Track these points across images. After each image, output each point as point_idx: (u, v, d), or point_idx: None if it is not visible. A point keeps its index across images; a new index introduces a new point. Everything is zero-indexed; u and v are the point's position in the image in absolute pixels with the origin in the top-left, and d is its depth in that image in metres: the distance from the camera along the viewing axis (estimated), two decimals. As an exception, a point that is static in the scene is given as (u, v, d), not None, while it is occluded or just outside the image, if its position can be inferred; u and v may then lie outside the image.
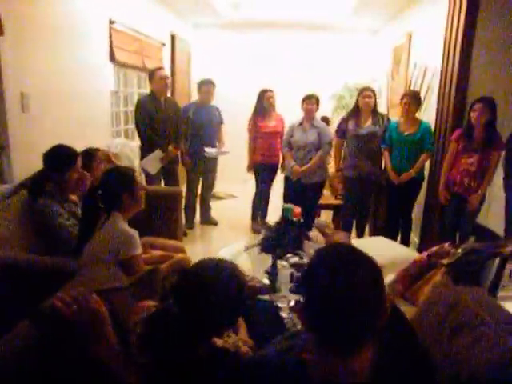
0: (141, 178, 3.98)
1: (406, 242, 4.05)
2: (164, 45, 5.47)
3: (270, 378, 1.02)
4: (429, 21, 4.46)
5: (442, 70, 3.83)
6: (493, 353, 1.16)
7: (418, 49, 4.76)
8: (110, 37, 3.98)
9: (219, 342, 1.35)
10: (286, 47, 6.95)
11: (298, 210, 2.94)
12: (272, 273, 2.42)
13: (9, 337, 1.20)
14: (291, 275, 2.41)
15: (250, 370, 1.07)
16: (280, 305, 2.16)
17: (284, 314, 2.06)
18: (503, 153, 3.39)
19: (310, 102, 4.23)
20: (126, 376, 1.18)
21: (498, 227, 3.36)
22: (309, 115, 4.27)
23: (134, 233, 1.99)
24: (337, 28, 6.72)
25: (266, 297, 2.20)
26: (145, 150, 4.11)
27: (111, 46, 4.01)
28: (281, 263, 2.52)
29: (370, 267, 0.97)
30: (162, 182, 4.39)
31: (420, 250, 3.85)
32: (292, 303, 2.23)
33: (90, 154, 2.76)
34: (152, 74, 4.13)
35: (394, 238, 3.91)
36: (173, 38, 5.80)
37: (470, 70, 3.59)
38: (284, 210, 2.88)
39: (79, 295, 1.22)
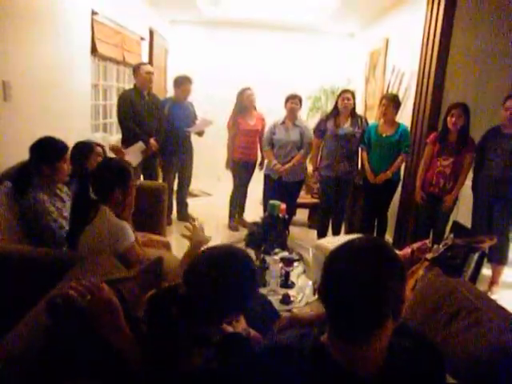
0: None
1: (381, 240, 4.17)
2: (143, 39, 5.42)
3: (289, 362, 1.04)
4: (406, 26, 4.62)
5: (418, 75, 3.98)
6: (488, 336, 1.25)
7: (395, 53, 4.91)
8: (92, 28, 3.92)
9: (229, 327, 1.37)
10: (264, 47, 6.99)
11: (283, 206, 3.01)
12: (260, 267, 2.46)
13: (21, 326, 1.20)
14: (280, 270, 2.46)
15: (268, 354, 1.09)
16: (270, 298, 2.21)
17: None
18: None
19: (294, 101, 4.31)
20: (139, 364, 1.20)
21: (466, 224, 3.54)
22: (292, 114, 4.35)
23: (124, 223, 1.97)
24: (314, 30, 6.83)
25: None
26: (127, 143, 4.09)
27: (93, 38, 3.95)
28: (270, 258, 2.57)
29: (389, 257, 1.00)
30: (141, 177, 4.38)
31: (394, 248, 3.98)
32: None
33: (91, 147, 2.75)
34: (137, 69, 4.11)
35: (369, 237, 4.02)
36: (151, 33, 5.76)
37: (446, 75, 3.75)
38: (271, 206, 2.94)
39: (92, 285, 1.22)
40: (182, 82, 4.63)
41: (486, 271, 3.61)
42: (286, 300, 2.24)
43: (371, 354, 0.99)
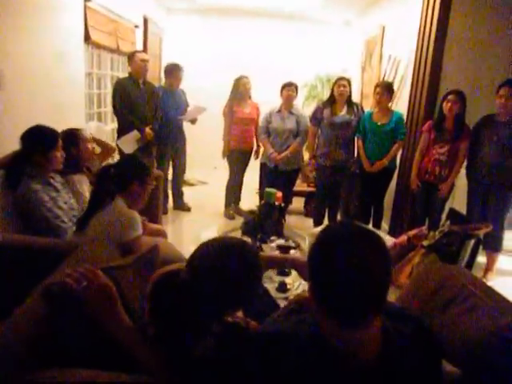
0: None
1: (377, 228, 4.19)
2: (137, 27, 5.36)
3: (286, 348, 1.03)
4: (402, 14, 4.59)
5: (415, 63, 3.96)
6: (483, 321, 1.26)
7: (391, 41, 4.89)
8: (85, 16, 3.87)
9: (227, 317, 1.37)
10: (260, 36, 6.95)
11: (279, 194, 3.00)
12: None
13: (16, 314, 1.19)
14: (277, 257, 2.45)
15: (265, 342, 1.09)
16: (266, 286, 2.21)
17: (272, 295, 2.11)
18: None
19: (290, 88, 4.29)
20: (137, 350, 1.19)
21: (462, 212, 3.56)
22: (288, 102, 4.33)
23: (135, 214, 2.00)
24: (310, 18, 6.78)
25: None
26: (122, 132, 4.08)
27: (86, 26, 3.90)
28: (267, 245, 2.57)
29: (377, 242, 0.98)
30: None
31: (390, 235, 4.00)
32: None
33: (76, 134, 2.72)
34: (132, 56, 4.08)
35: (365, 225, 4.04)
36: (145, 20, 5.69)
37: (442, 63, 3.74)
38: (267, 194, 2.93)
39: (88, 272, 1.22)
40: (173, 71, 4.60)
41: (481, 258, 3.63)
42: (282, 287, 2.24)
43: (368, 338, 0.98)
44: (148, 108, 4.19)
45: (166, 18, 6.84)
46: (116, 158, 4.15)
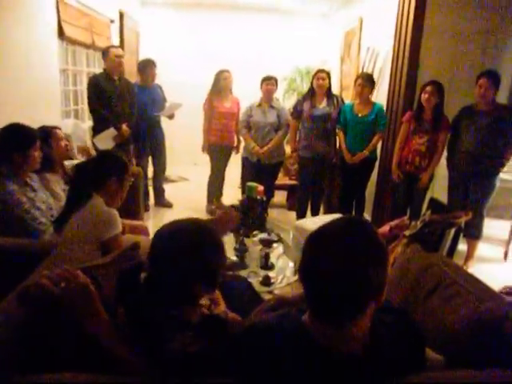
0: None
1: (359, 219, 4.21)
2: (113, 22, 5.26)
3: (272, 341, 1.03)
4: (380, 6, 4.60)
5: (393, 54, 3.98)
6: (465, 307, 1.27)
7: (370, 33, 4.90)
8: (58, 10, 3.77)
9: (206, 310, 1.36)
10: (238, 30, 6.90)
11: (260, 188, 2.99)
12: (240, 249, 2.45)
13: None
14: (260, 251, 2.45)
15: (251, 335, 1.08)
16: (250, 280, 2.20)
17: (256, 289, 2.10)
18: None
19: (270, 82, 4.27)
20: (118, 350, 1.17)
21: (443, 201, 3.60)
22: (268, 96, 4.31)
23: (114, 212, 1.96)
24: (288, 11, 6.76)
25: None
26: (98, 129, 4.00)
27: (59, 21, 3.80)
28: (250, 240, 2.56)
29: (371, 241, 0.98)
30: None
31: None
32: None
33: (48, 132, 2.65)
34: (106, 52, 4.00)
35: (347, 216, 4.05)
36: (121, 15, 5.59)
37: (420, 54, 3.76)
38: (248, 189, 2.91)
39: (66, 272, 1.19)
40: (146, 66, 4.54)
41: (462, 246, 3.68)
42: (266, 281, 2.24)
43: (353, 335, 0.99)
44: (124, 105, 4.12)
45: (142, 12, 6.74)
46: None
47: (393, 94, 4.02)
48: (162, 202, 5.05)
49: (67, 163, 2.85)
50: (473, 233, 3.61)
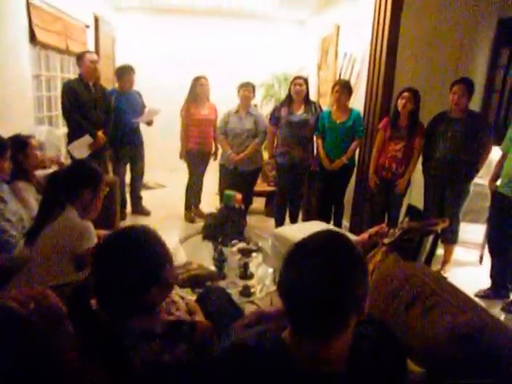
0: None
1: (338, 226, 4.22)
2: (88, 27, 5.18)
3: (250, 362, 1.00)
4: (356, 13, 4.64)
5: (369, 61, 4.01)
6: (445, 319, 1.26)
7: (346, 39, 4.93)
8: (29, 14, 3.67)
9: (169, 316, 1.33)
10: (215, 35, 6.87)
11: (238, 196, 2.96)
12: (218, 259, 2.41)
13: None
14: (239, 261, 2.42)
15: (228, 357, 1.05)
16: (229, 290, 2.16)
17: (235, 300, 2.07)
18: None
19: (247, 89, 4.26)
20: (86, 369, 1.12)
21: (419, 207, 3.64)
22: (245, 102, 4.29)
23: (89, 224, 1.89)
24: (265, 18, 6.77)
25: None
26: (72, 137, 3.91)
27: (30, 25, 3.71)
28: (229, 250, 2.52)
29: (351, 256, 0.97)
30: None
31: (351, 233, 4.04)
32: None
33: (23, 142, 2.57)
34: (81, 57, 3.92)
35: (326, 223, 4.05)
36: (96, 19, 5.51)
37: (396, 61, 3.80)
38: (226, 197, 2.88)
39: (36, 293, 1.13)
40: (124, 72, 4.48)
41: (439, 251, 3.71)
42: (246, 292, 2.21)
43: (334, 351, 0.97)
44: (100, 111, 4.05)
45: (118, 17, 6.65)
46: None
47: (370, 100, 4.05)
48: (139, 210, 4.97)
49: (39, 173, 2.77)
50: (449, 237, 3.66)
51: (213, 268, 2.39)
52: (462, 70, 3.88)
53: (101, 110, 4.09)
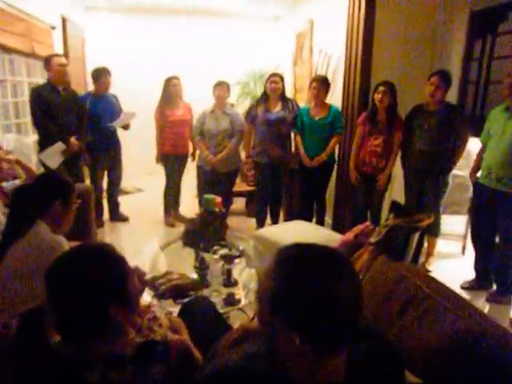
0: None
1: (321, 223, 4.18)
2: (54, 28, 4.98)
3: None
4: (330, 8, 4.59)
5: (346, 56, 3.97)
6: (441, 324, 1.21)
7: (322, 35, 4.88)
8: (-14, 15, 3.50)
9: (136, 340, 1.23)
10: (189, 34, 6.75)
11: (218, 200, 2.88)
12: (200, 267, 2.32)
13: None
14: (222, 268, 2.33)
15: (217, 381, 0.97)
16: (214, 299, 2.08)
17: (219, 309, 1.99)
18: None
19: (222, 88, 4.17)
20: None
21: (400, 201, 3.62)
22: (220, 102, 4.21)
23: (61, 239, 1.77)
24: (240, 15, 6.67)
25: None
26: (44, 144, 3.76)
27: (-11, 27, 3.53)
28: (211, 256, 2.43)
29: (351, 266, 0.95)
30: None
31: (334, 230, 4.01)
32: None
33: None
34: (48, 61, 3.77)
35: (309, 221, 4.01)
36: (64, 20, 5.32)
37: (372, 56, 3.77)
38: (206, 201, 2.80)
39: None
40: (100, 75, 4.33)
41: (422, 244, 3.72)
42: (230, 300, 2.12)
43: (334, 365, 0.91)
44: (71, 116, 3.90)
45: (87, 18, 6.45)
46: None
47: (347, 95, 4.01)
48: (117, 216, 4.83)
49: (7, 184, 2.63)
50: (432, 231, 3.65)
51: (195, 276, 2.30)
52: (437, 63, 3.88)
53: (73, 114, 3.95)
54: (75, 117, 3.96)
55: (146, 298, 2.06)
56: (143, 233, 4.46)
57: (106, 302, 1.07)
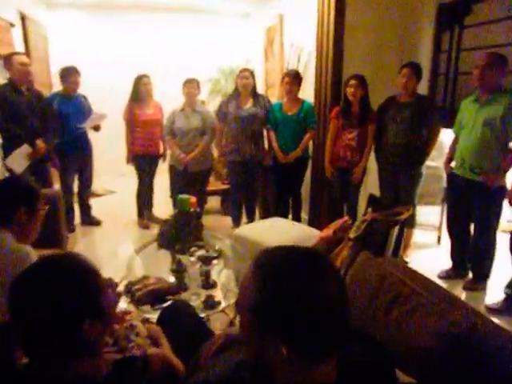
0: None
1: (297, 219, 4.15)
2: (13, 26, 4.77)
3: None
4: (300, 2, 4.56)
5: (317, 50, 3.95)
6: (427, 321, 1.18)
7: (292, 29, 4.85)
8: None
9: (113, 355, 1.16)
10: (157, 31, 6.59)
11: (193, 200, 2.81)
12: (177, 270, 2.25)
13: None
14: (200, 270, 2.27)
15: None
16: (193, 303, 2.02)
17: (199, 313, 1.93)
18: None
19: (191, 85, 4.08)
20: None
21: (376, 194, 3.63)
22: (190, 99, 4.12)
23: (28, 249, 1.67)
24: (208, 11, 6.57)
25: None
26: (8, 148, 3.59)
27: None
28: (188, 259, 2.37)
29: (333, 265, 0.93)
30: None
31: (310, 226, 3.99)
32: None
33: None
34: (9, 60, 3.60)
35: (285, 217, 3.97)
36: (23, 18, 5.10)
37: (344, 49, 3.76)
38: (180, 202, 2.72)
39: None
40: (68, 74, 4.18)
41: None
42: (210, 302, 2.07)
43: (328, 368, 0.86)
44: (36, 118, 3.74)
45: (49, 16, 6.22)
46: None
47: (319, 90, 3.99)
48: (89, 220, 4.68)
49: None
50: (408, 222, 3.66)
51: (172, 280, 2.23)
52: (407, 55, 3.89)
53: (38, 116, 3.78)
54: (41, 118, 3.80)
55: (122, 304, 1.99)
56: (117, 236, 4.34)
57: (79, 317, 0.99)
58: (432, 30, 3.96)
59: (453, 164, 3.29)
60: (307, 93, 4.18)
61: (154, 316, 1.83)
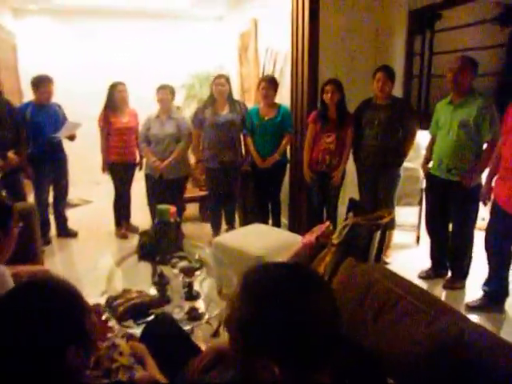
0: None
1: (277, 224, 4.14)
2: (-20, 35, 4.65)
3: None
4: (273, 6, 4.57)
5: (292, 54, 3.96)
6: (415, 328, 1.17)
7: (267, 34, 4.86)
8: None
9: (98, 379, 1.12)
10: (130, 37, 6.52)
11: (173, 209, 2.76)
12: (160, 282, 2.20)
13: None
14: (182, 281, 2.22)
15: None
16: (176, 316, 1.98)
17: (183, 326, 1.89)
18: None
19: (165, 92, 4.03)
20: None
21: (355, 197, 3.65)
22: (164, 106, 4.07)
23: (3, 269, 1.59)
24: (181, 16, 6.53)
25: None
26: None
27: None
28: (170, 270, 2.32)
29: (320, 278, 0.95)
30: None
31: (290, 230, 3.99)
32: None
33: None
34: (-26, 70, 3.48)
35: (265, 223, 3.96)
36: (-12, 26, 4.98)
37: (319, 53, 3.77)
38: (159, 212, 2.67)
39: None
40: (41, 83, 4.06)
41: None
42: (194, 314, 2.03)
43: (321, 377, 0.85)
44: (6, 129, 3.62)
45: (17, 23, 6.07)
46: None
47: (296, 94, 4.00)
48: (65, 232, 4.56)
49: None
50: (388, 224, 3.69)
51: (155, 293, 2.18)
52: (381, 59, 3.93)
53: (8, 126, 3.66)
54: (11, 129, 3.69)
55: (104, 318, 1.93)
56: (94, 248, 4.25)
57: (62, 344, 0.94)
58: (404, 34, 4.01)
59: (430, 165, 3.33)
60: (284, 97, 4.18)
61: (137, 331, 1.79)
